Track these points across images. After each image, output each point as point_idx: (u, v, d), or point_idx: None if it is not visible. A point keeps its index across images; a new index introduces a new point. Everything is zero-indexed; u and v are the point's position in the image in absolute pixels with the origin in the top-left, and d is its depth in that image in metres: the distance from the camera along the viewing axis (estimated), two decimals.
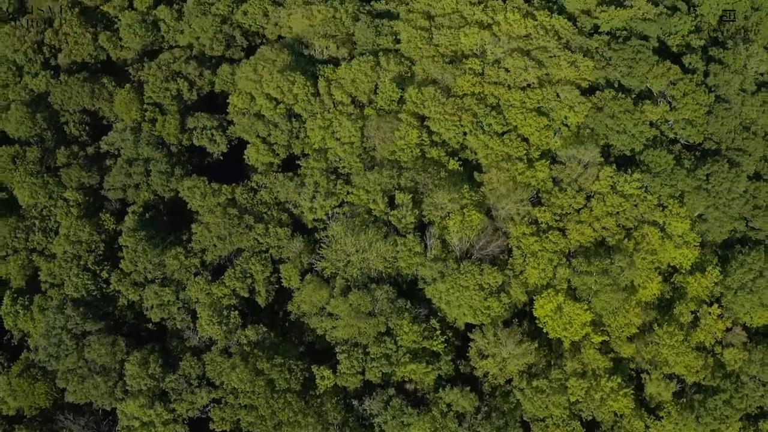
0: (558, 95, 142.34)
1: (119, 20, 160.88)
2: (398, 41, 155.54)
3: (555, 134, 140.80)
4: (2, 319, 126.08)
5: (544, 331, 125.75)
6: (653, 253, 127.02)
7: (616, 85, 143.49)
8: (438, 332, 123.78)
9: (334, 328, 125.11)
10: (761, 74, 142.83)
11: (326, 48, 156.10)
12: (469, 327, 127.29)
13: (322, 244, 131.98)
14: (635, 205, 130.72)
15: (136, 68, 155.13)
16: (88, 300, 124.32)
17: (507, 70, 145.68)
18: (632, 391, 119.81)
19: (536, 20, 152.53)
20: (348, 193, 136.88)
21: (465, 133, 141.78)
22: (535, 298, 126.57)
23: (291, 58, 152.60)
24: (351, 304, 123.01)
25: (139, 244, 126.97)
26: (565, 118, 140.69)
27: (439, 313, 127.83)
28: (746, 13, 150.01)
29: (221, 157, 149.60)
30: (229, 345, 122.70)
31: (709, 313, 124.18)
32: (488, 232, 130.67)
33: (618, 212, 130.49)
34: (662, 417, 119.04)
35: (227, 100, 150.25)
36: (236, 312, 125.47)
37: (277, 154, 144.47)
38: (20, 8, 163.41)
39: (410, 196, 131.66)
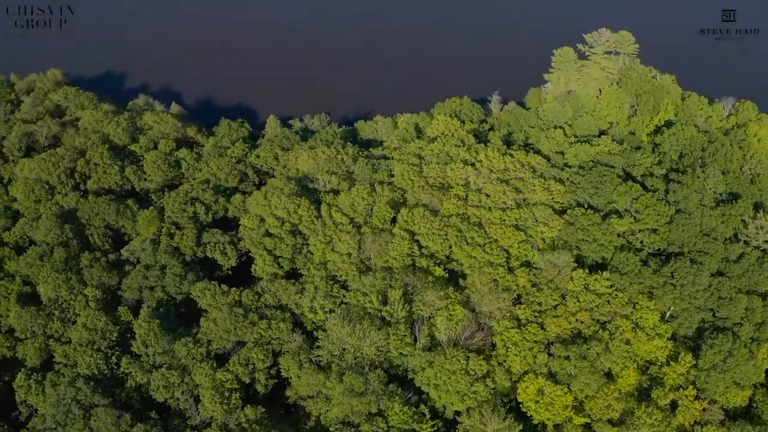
0: (534, 215, 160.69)
1: (144, 158, 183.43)
2: (392, 175, 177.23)
3: (532, 248, 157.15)
4: (13, 393, 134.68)
5: (529, 415, 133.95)
6: (628, 342, 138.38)
7: (585, 206, 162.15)
8: (428, 417, 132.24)
9: (328, 411, 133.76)
10: (720, 194, 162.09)
11: (329, 182, 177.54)
12: (458, 416, 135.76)
13: (320, 336, 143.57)
14: (608, 302, 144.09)
15: (158, 195, 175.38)
16: (98, 378, 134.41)
17: (488, 195, 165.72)
18: None
19: (514, 157, 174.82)
20: (344, 296, 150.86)
21: (451, 246, 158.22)
22: (518, 384, 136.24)
23: (297, 188, 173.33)
24: (345, 384, 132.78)
25: (151, 329, 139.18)
26: (541, 233, 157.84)
27: (428, 402, 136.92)
28: (703, 145, 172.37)
29: (230, 272, 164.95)
30: (227, 422, 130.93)
31: (686, 396, 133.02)
32: (472, 327, 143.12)
33: (592, 308, 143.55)
34: None
35: (239, 223, 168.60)
36: (237, 394, 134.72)
37: (282, 267, 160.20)
38: (55, 143, 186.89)
39: (401, 291, 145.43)
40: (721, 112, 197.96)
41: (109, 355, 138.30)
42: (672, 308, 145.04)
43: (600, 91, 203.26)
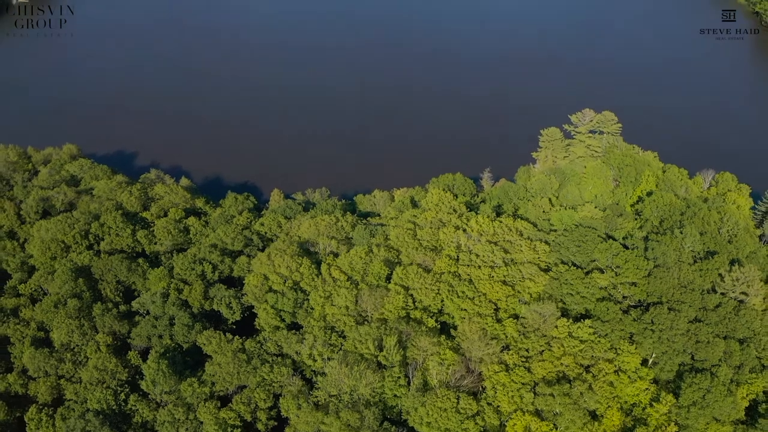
0: (521, 272, 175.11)
1: (155, 224, 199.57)
2: (388, 239, 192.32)
3: (520, 302, 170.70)
4: (24, 427, 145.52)
5: None
6: (611, 384, 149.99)
7: (569, 263, 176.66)
8: None
9: None
10: (697, 252, 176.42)
11: (329, 245, 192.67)
12: None
13: (318, 380, 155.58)
14: (591, 347, 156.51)
15: (167, 257, 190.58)
16: (107, 412, 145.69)
17: (478, 255, 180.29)
18: None
19: (502, 223, 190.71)
20: (342, 344, 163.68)
21: (442, 300, 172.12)
22: (506, 422, 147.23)
23: (299, 250, 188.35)
24: (342, 420, 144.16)
25: (159, 369, 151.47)
26: (528, 288, 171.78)
27: None
28: (682, 210, 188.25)
29: (234, 326, 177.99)
30: None
31: None
32: (462, 370, 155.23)
33: (575, 353, 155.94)
34: None
35: (244, 282, 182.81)
36: (239, 431, 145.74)
37: (284, 320, 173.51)
38: (70, 209, 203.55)
39: (396, 338, 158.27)
40: (701, 184, 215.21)
41: (118, 392, 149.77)
42: (654, 355, 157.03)
43: (585, 166, 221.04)
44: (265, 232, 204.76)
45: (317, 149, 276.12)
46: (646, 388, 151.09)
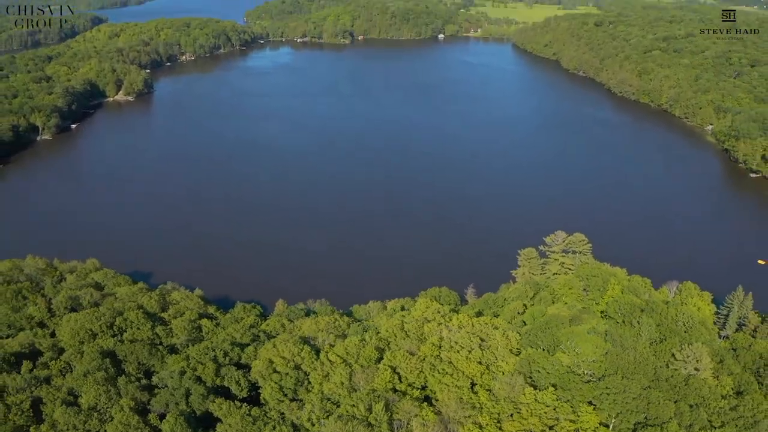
0: (494, 355, 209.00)
1: (171, 322, 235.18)
2: (379, 332, 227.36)
3: (493, 379, 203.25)
4: None
5: None
6: None
7: (537, 348, 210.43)
8: None
9: None
10: (654, 340, 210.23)
11: (327, 338, 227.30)
12: None
13: None
14: (555, 410, 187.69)
15: (183, 346, 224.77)
16: None
17: (456, 342, 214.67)
18: None
19: (480, 321, 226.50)
20: (336, 410, 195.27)
21: (425, 378, 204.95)
22: None
23: (301, 341, 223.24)
24: None
25: (177, 422, 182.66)
26: (500, 367, 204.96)
27: None
28: (642, 307, 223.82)
29: (241, 402, 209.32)
30: None
31: None
32: (442, 429, 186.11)
33: (540, 414, 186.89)
34: None
35: (251, 366, 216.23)
36: None
37: (286, 395, 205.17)
38: (94, 304, 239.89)
39: (383, 403, 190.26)
40: (667, 294, 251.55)
41: None
42: (614, 420, 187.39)
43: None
44: (271, 331, 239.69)
45: (317, 269, 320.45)
46: None
